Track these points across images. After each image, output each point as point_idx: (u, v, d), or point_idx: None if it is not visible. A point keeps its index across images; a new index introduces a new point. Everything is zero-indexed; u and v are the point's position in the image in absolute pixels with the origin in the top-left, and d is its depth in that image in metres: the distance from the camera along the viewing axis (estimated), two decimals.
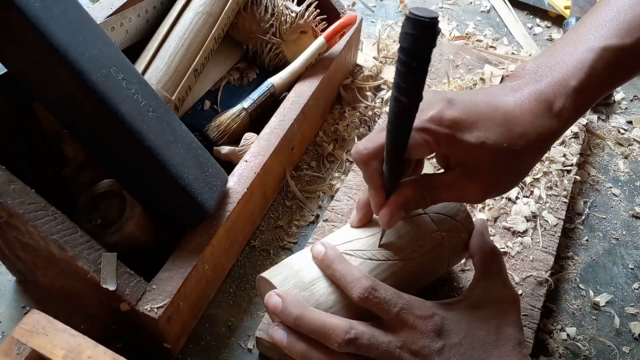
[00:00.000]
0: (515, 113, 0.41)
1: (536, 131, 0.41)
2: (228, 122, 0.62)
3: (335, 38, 0.67)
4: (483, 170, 0.42)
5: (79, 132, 0.46)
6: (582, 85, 0.42)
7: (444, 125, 0.41)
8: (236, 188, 0.54)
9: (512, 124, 0.41)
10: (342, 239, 0.48)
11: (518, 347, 0.44)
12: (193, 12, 0.61)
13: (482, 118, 0.41)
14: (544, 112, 0.42)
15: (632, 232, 0.66)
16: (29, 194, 0.42)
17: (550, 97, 0.42)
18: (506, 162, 0.41)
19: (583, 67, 0.42)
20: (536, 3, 0.94)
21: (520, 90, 0.43)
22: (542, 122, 0.41)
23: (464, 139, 0.40)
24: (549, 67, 0.44)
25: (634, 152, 0.74)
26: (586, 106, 0.44)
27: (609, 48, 0.43)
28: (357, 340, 0.41)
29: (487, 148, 0.40)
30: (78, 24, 0.43)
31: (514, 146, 0.41)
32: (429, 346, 0.41)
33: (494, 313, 0.45)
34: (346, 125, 0.72)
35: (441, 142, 0.41)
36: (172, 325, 0.48)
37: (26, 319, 0.38)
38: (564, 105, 0.42)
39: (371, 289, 0.42)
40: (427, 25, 0.33)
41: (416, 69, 0.35)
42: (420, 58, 0.35)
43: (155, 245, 0.52)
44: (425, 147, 0.41)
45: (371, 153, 0.43)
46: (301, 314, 0.42)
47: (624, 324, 0.58)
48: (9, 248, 0.49)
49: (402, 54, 0.35)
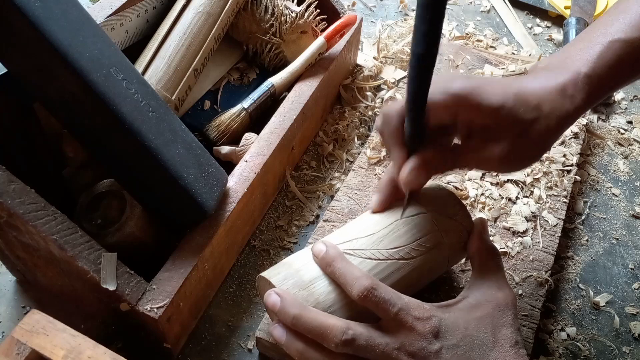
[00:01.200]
0: (528, 89, 0.44)
1: (550, 105, 0.43)
2: (228, 122, 0.62)
3: (335, 38, 0.67)
4: (502, 133, 0.43)
5: (79, 132, 0.46)
6: (592, 73, 0.44)
7: (466, 89, 0.43)
8: (236, 188, 0.54)
9: (527, 95, 0.43)
10: (342, 238, 0.48)
11: (515, 348, 0.44)
12: (193, 12, 0.61)
13: (499, 87, 0.43)
14: (557, 92, 0.44)
15: (632, 232, 0.66)
16: (29, 194, 0.42)
17: (562, 81, 0.44)
18: (522, 128, 0.43)
19: (591, 57, 0.45)
20: (536, 3, 0.94)
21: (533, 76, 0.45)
22: (555, 98, 0.43)
23: (484, 101, 0.42)
24: (560, 62, 0.46)
25: (634, 152, 0.74)
26: (598, 93, 0.45)
27: (617, 41, 0.45)
28: (355, 341, 0.41)
29: (505, 111, 0.42)
30: (78, 24, 0.43)
31: (529, 114, 0.43)
32: (427, 348, 0.41)
33: (491, 314, 0.45)
34: (346, 125, 0.72)
35: (462, 104, 0.43)
36: (172, 325, 0.48)
37: (26, 319, 0.38)
38: (576, 89, 0.44)
39: (371, 287, 0.42)
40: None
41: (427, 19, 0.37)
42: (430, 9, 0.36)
43: (155, 245, 0.52)
44: (446, 110, 0.43)
45: (395, 112, 0.44)
46: (299, 313, 0.42)
47: (624, 324, 0.58)
48: (9, 248, 0.49)
49: (417, 7, 0.37)
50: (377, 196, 0.50)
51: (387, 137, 0.46)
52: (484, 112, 0.43)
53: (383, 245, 0.47)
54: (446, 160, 0.45)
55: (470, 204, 0.62)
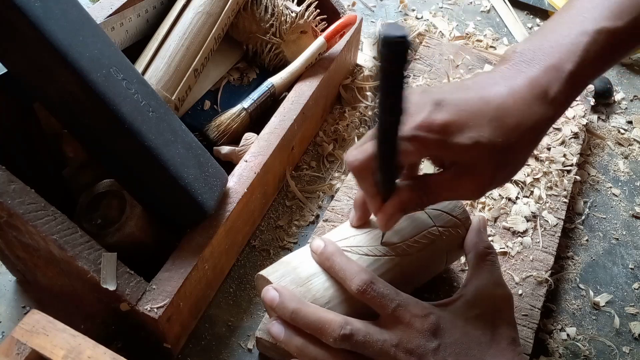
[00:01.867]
0: (507, 104, 0.40)
1: (531, 120, 0.40)
2: (228, 122, 0.62)
3: (335, 38, 0.67)
4: (478, 167, 0.41)
5: (79, 132, 0.46)
6: (577, 69, 0.41)
7: (433, 132, 0.39)
8: (236, 188, 0.54)
9: (505, 116, 0.40)
10: (339, 236, 0.49)
11: (513, 345, 0.44)
12: (193, 12, 0.61)
13: (473, 116, 0.40)
14: (538, 100, 0.40)
15: (632, 232, 0.66)
16: (29, 194, 0.42)
17: (545, 83, 0.41)
18: (501, 157, 0.41)
19: (577, 50, 0.41)
20: (536, 3, 0.94)
21: (512, 79, 0.42)
22: (537, 110, 0.40)
23: (455, 142, 0.39)
24: (542, 50, 0.42)
25: (634, 152, 0.74)
26: (580, 90, 0.43)
27: (602, 31, 0.42)
28: (353, 336, 0.41)
29: (481, 147, 0.39)
30: (78, 24, 0.43)
31: (508, 140, 0.40)
32: (425, 345, 0.41)
33: (488, 312, 0.45)
34: (346, 125, 0.72)
35: (432, 147, 0.40)
36: (172, 325, 0.48)
37: (26, 319, 0.38)
38: (559, 90, 0.41)
39: (370, 282, 0.42)
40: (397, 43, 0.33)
41: (393, 86, 0.35)
42: (392, 77, 0.34)
43: (155, 245, 0.52)
44: (415, 154, 0.41)
45: (363, 164, 0.42)
46: (297, 308, 0.42)
47: (624, 324, 0.58)
48: (9, 248, 0.49)
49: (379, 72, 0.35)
50: (355, 214, 0.50)
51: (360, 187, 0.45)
52: (458, 151, 0.40)
53: (380, 242, 0.48)
54: (422, 200, 0.43)
55: (470, 204, 0.62)
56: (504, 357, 0.43)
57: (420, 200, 0.43)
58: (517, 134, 0.40)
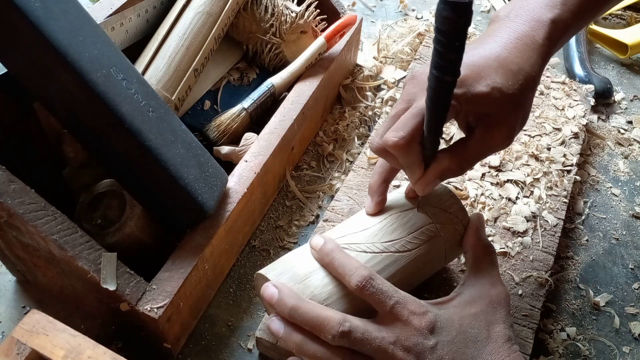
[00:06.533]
0: (504, 54, 0.45)
1: (528, 64, 0.44)
2: (228, 122, 0.62)
3: (335, 38, 0.67)
4: (500, 115, 0.44)
5: (79, 132, 0.46)
6: (556, 16, 0.46)
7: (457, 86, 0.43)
8: (236, 188, 0.54)
9: (506, 64, 0.44)
10: (337, 234, 0.49)
11: (508, 344, 0.44)
12: (193, 12, 0.61)
13: (481, 69, 0.44)
14: (528, 47, 0.45)
15: (632, 232, 0.66)
16: (29, 194, 0.42)
17: (530, 32, 0.45)
18: (516, 100, 0.44)
19: (555, 2, 0.46)
20: None
21: (498, 34, 0.46)
22: (530, 54, 0.45)
23: (476, 93, 0.43)
24: (522, 7, 0.47)
25: (634, 152, 0.74)
26: (562, 37, 0.47)
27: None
28: (351, 333, 0.41)
29: (497, 91, 0.43)
30: (78, 24, 0.43)
31: (517, 82, 0.44)
32: (422, 343, 0.42)
33: (484, 311, 0.45)
34: (346, 125, 0.72)
35: (461, 101, 0.43)
36: (172, 325, 0.48)
37: (26, 319, 0.38)
38: (544, 37, 0.45)
39: (369, 278, 0.43)
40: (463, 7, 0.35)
41: (455, 48, 0.37)
42: (458, 38, 0.37)
43: (155, 245, 0.52)
44: (452, 113, 0.44)
45: (409, 137, 0.44)
46: (296, 304, 0.42)
47: (624, 324, 0.58)
48: (9, 248, 0.49)
49: (440, 36, 0.37)
50: (372, 199, 0.51)
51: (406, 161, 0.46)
52: (481, 100, 0.43)
53: (378, 239, 0.48)
54: (460, 165, 0.46)
55: (470, 204, 0.62)
56: (499, 355, 0.43)
57: (458, 164, 0.45)
58: (522, 77, 0.44)
